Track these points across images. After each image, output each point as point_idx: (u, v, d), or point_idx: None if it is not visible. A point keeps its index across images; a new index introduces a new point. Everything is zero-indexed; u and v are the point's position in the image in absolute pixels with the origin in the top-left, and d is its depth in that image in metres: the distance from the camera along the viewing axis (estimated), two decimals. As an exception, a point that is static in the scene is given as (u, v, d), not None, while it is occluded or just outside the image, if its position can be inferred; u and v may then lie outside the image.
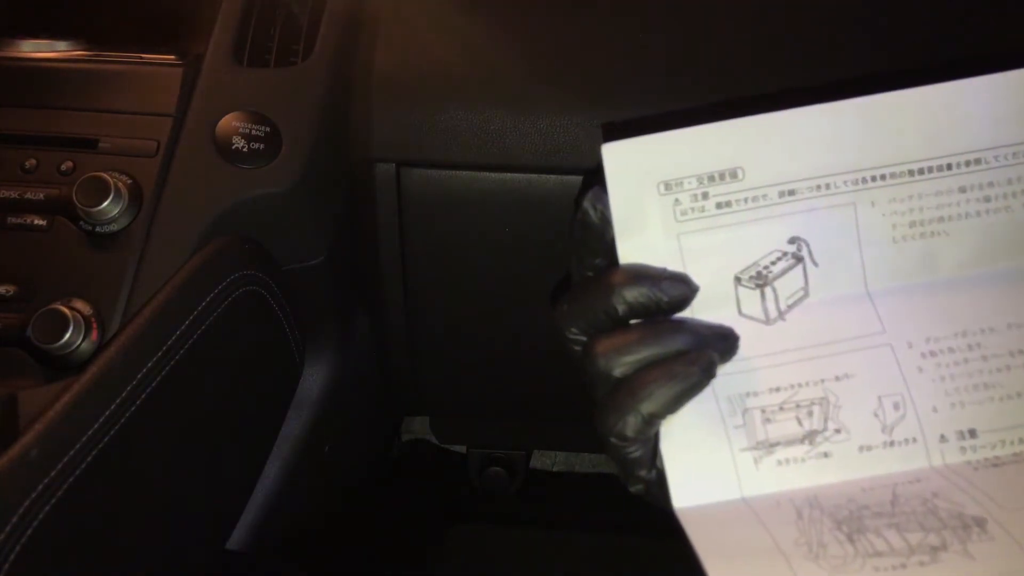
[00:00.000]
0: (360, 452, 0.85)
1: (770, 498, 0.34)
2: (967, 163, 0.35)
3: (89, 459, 0.43)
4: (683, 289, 0.35)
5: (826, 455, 0.34)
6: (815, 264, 0.36)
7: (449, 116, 0.61)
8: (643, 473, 0.35)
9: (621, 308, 0.35)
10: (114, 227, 0.53)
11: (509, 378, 0.81)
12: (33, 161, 0.55)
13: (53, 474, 0.41)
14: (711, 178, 0.35)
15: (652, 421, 0.34)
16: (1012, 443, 0.34)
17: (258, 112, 0.57)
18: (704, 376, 0.34)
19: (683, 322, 0.35)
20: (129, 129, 0.57)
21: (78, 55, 0.61)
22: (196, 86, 0.58)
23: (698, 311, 0.36)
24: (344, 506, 0.83)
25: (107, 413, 0.44)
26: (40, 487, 0.40)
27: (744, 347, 0.35)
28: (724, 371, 0.35)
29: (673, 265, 0.36)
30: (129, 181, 0.54)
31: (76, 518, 0.42)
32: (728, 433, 0.35)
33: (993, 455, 0.34)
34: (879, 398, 0.34)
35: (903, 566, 0.30)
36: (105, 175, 0.52)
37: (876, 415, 0.34)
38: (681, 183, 0.35)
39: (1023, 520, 0.31)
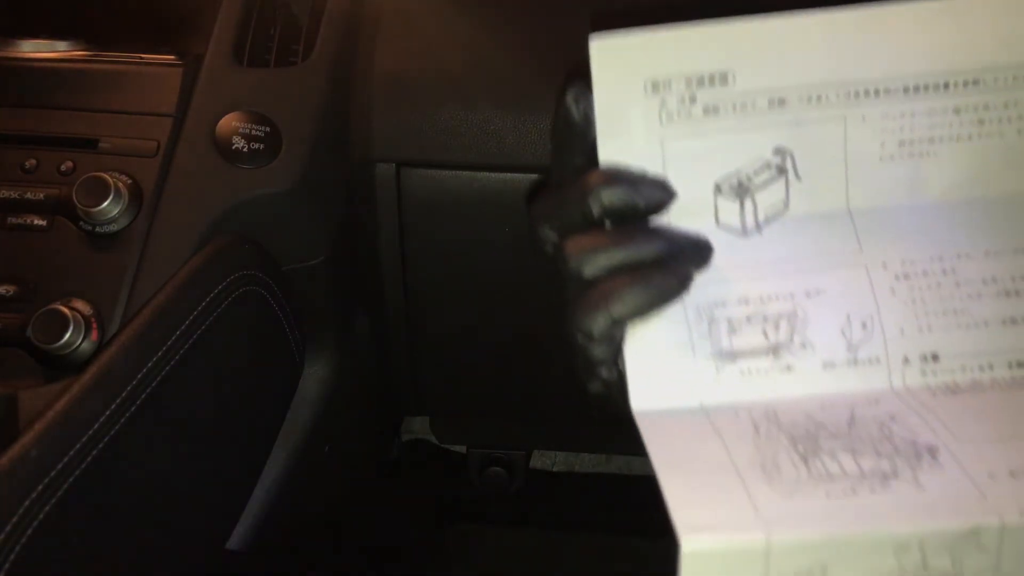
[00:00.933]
0: (360, 452, 0.85)
1: (729, 409, 0.34)
2: (964, 83, 0.34)
3: (89, 459, 0.43)
4: (661, 194, 0.35)
5: (789, 368, 0.34)
6: (798, 178, 0.35)
7: (449, 116, 0.61)
8: (604, 373, 0.36)
9: (597, 209, 0.34)
10: (114, 227, 0.53)
11: (509, 378, 0.81)
12: (33, 161, 0.55)
13: (53, 474, 0.41)
14: (700, 81, 0.34)
15: (620, 323, 0.34)
16: (972, 370, 0.34)
17: (258, 112, 0.57)
18: (679, 287, 0.34)
19: (658, 229, 0.35)
20: (129, 129, 0.57)
21: (78, 55, 0.61)
22: (196, 86, 0.58)
23: (675, 218, 0.35)
24: (344, 506, 0.83)
25: (107, 413, 0.44)
26: (40, 487, 0.40)
27: (718, 257, 0.35)
28: (695, 279, 0.35)
29: (654, 169, 0.35)
30: (129, 181, 0.54)
31: (76, 518, 0.42)
32: (692, 340, 0.34)
33: (952, 380, 0.34)
34: (848, 316, 0.34)
35: (854, 491, 0.30)
36: (105, 175, 0.52)
37: (843, 333, 0.34)
38: (669, 84, 0.34)
39: (973, 452, 0.31)
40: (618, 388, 0.36)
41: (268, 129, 0.57)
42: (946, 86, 0.34)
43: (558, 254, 0.35)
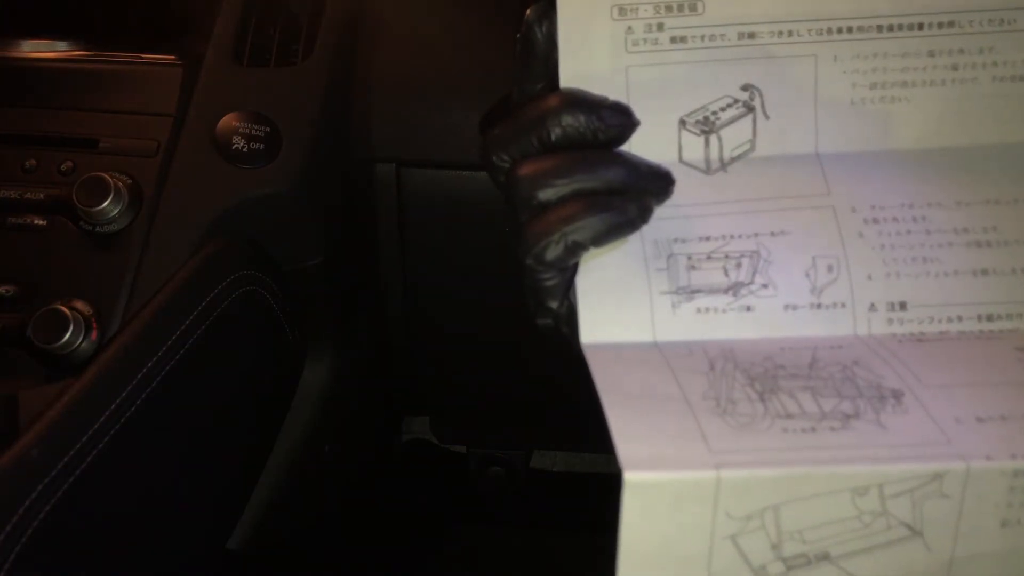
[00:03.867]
0: (360, 452, 0.85)
1: (683, 346, 0.32)
2: (940, 24, 0.33)
3: (89, 459, 0.43)
4: (622, 119, 0.33)
5: (749, 309, 0.33)
6: (766, 116, 0.34)
7: (449, 116, 0.61)
8: (554, 304, 0.34)
9: (555, 133, 0.32)
10: (114, 227, 0.53)
11: (509, 378, 0.81)
12: (33, 161, 0.55)
13: (53, 474, 0.41)
14: (669, 7, 0.33)
15: (575, 250, 0.32)
16: (940, 321, 0.33)
17: (258, 112, 0.57)
18: (639, 216, 0.32)
19: (619, 155, 0.33)
20: (129, 129, 0.57)
21: (78, 55, 0.61)
22: (196, 86, 0.58)
23: (637, 152, 0.34)
24: (344, 506, 0.83)
25: (107, 413, 0.44)
26: (40, 487, 0.40)
27: (680, 194, 0.34)
28: (655, 213, 0.33)
29: (617, 97, 0.34)
30: (129, 181, 0.54)
31: (76, 518, 0.42)
32: (649, 275, 0.33)
33: (920, 330, 0.33)
34: (813, 258, 0.33)
35: (813, 430, 0.28)
36: (105, 175, 0.52)
37: (807, 275, 0.33)
38: (636, 9, 0.33)
39: (941, 397, 0.30)
40: (567, 322, 0.34)
41: (268, 129, 0.57)
42: (920, 26, 0.33)
43: (510, 178, 0.33)
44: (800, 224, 0.33)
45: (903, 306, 0.33)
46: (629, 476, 0.27)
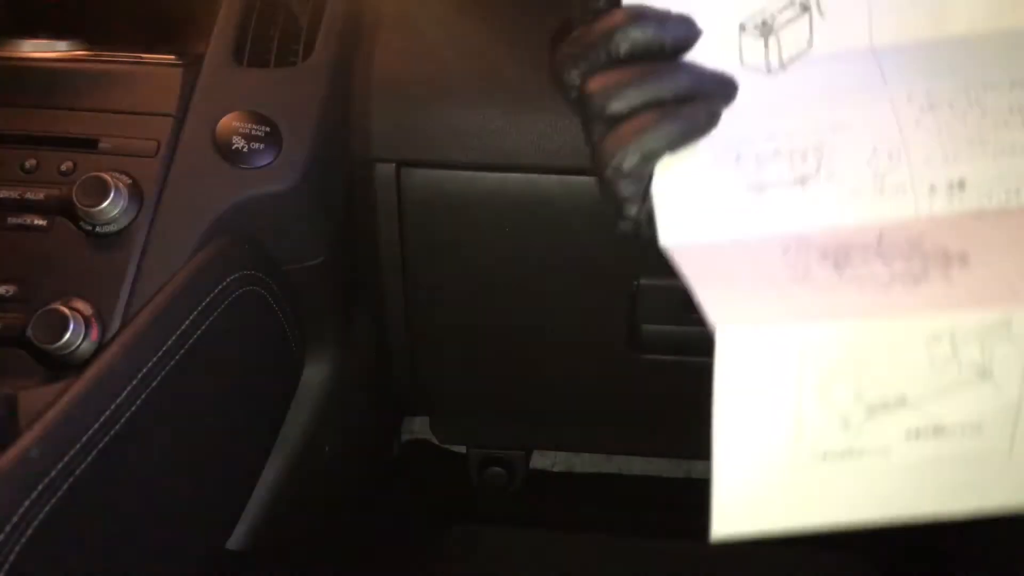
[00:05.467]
0: (360, 452, 0.85)
1: (757, 236, 0.34)
2: None
3: (89, 459, 0.43)
4: (687, 31, 0.35)
5: (816, 198, 0.34)
6: (821, 15, 0.35)
7: (449, 116, 0.61)
8: (633, 211, 0.35)
9: (624, 47, 0.34)
10: (114, 227, 0.53)
11: (509, 378, 0.81)
12: (33, 161, 0.55)
13: (53, 474, 0.41)
14: None
15: (650, 158, 0.34)
16: (999, 195, 0.34)
17: (258, 112, 0.57)
18: (708, 122, 0.34)
19: (685, 65, 0.35)
20: (129, 129, 0.57)
21: (78, 55, 0.61)
22: (196, 86, 0.58)
23: (699, 58, 0.35)
24: (344, 506, 0.83)
25: (107, 413, 0.44)
26: (40, 487, 0.40)
27: (743, 96, 0.35)
28: (721, 117, 0.35)
29: (678, 8, 0.35)
30: (129, 181, 0.54)
31: (76, 518, 0.42)
32: (721, 174, 0.35)
33: (979, 206, 0.34)
34: (874, 147, 0.35)
35: (886, 289, 0.30)
36: (105, 175, 0.52)
37: (869, 164, 0.34)
38: None
39: (1004, 258, 0.31)
40: (647, 225, 0.36)
41: (268, 129, 0.57)
42: None
43: (582, 93, 0.35)
44: (859, 116, 0.35)
45: (962, 185, 0.34)
46: (720, 331, 0.29)
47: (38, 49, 0.62)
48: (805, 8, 0.35)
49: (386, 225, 0.67)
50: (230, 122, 0.56)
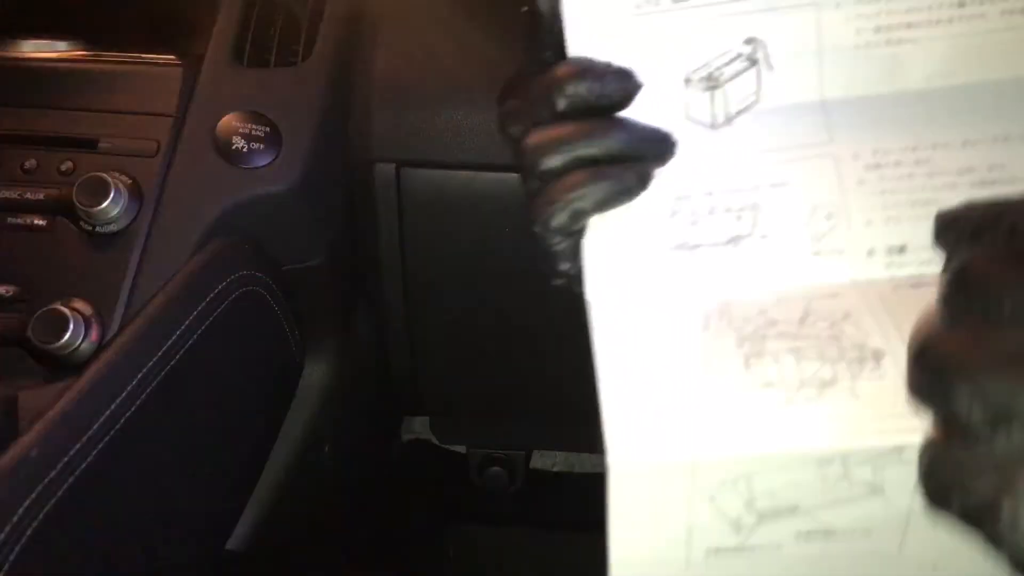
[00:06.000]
0: (360, 452, 0.85)
1: (684, 299, 0.33)
2: None
3: (89, 459, 0.43)
4: (627, 85, 0.34)
5: (749, 260, 0.33)
6: (770, 68, 0.34)
7: (450, 116, 0.61)
8: (566, 267, 0.35)
9: (562, 103, 0.33)
10: (114, 227, 0.53)
11: (509, 378, 0.81)
12: (33, 161, 0.55)
13: (53, 474, 0.41)
14: None
15: (578, 217, 0.34)
16: (938, 262, 0.32)
17: (258, 112, 0.57)
18: (638, 184, 0.34)
19: (622, 122, 0.34)
20: (129, 129, 0.57)
21: (78, 55, 0.61)
22: (196, 86, 0.58)
23: (644, 112, 0.34)
24: (344, 506, 0.83)
25: (107, 413, 0.44)
26: (40, 487, 0.40)
27: (684, 150, 0.34)
28: (660, 172, 0.34)
29: (622, 61, 0.34)
30: (129, 181, 0.54)
31: (76, 518, 0.42)
32: (652, 232, 0.34)
33: (918, 272, 0.33)
34: (813, 207, 0.33)
35: (789, 402, 0.30)
36: (105, 175, 0.52)
37: (807, 224, 0.33)
38: None
39: None
40: (578, 281, 0.35)
41: (268, 129, 0.57)
42: None
43: (520, 148, 0.34)
44: (801, 174, 0.34)
45: (902, 250, 0.33)
46: (614, 463, 0.29)
47: (38, 49, 0.62)
48: (753, 61, 0.34)
49: (386, 225, 0.67)
50: (230, 122, 0.56)
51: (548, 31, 0.35)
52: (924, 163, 0.33)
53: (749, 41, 0.34)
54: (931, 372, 0.25)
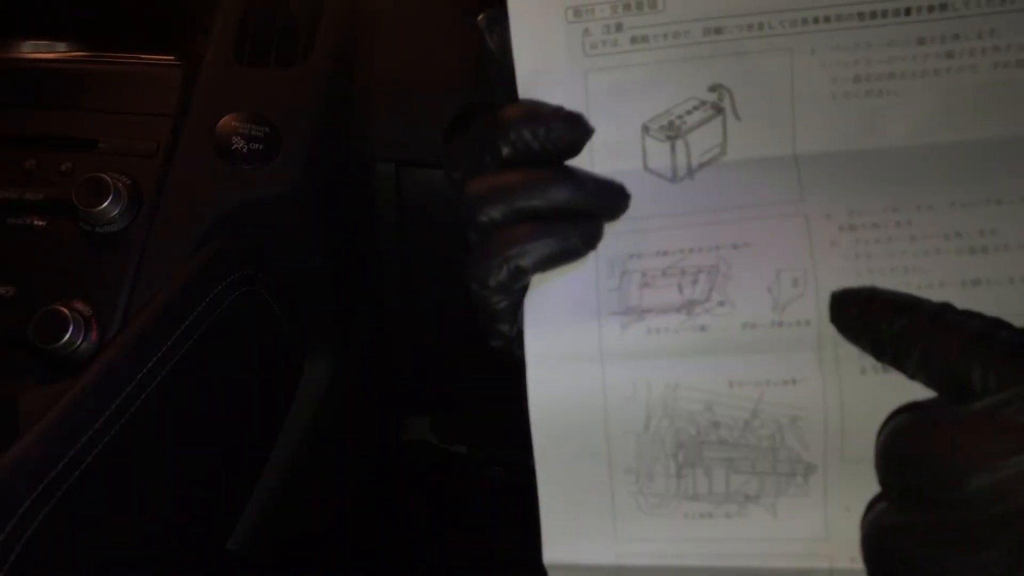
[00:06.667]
0: (360, 452, 0.85)
1: (628, 381, 0.30)
2: (930, 8, 0.29)
3: (89, 459, 0.43)
4: (576, 130, 0.31)
5: (703, 328, 0.30)
6: (737, 118, 0.31)
7: (449, 116, 0.61)
8: (504, 328, 0.32)
9: (506, 150, 0.30)
10: (114, 227, 0.53)
11: (510, 378, 0.81)
12: (33, 162, 0.55)
13: (53, 474, 0.41)
14: (627, 6, 0.31)
15: (519, 276, 0.30)
16: None
17: (258, 112, 0.57)
18: (584, 244, 0.31)
19: (570, 171, 0.31)
20: (129, 130, 0.57)
21: (78, 56, 0.61)
22: (196, 86, 0.58)
23: (599, 161, 0.32)
24: (344, 506, 0.83)
25: (107, 413, 0.44)
26: (40, 487, 0.40)
27: (641, 205, 0.31)
28: (611, 228, 0.31)
29: (575, 106, 0.31)
30: (129, 182, 0.54)
31: (76, 518, 0.42)
32: (599, 294, 0.31)
33: None
34: (778, 272, 0.30)
35: (710, 515, 0.30)
36: (105, 176, 0.52)
37: (769, 290, 0.30)
38: (592, 10, 0.31)
39: (849, 475, 0.29)
40: (518, 345, 0.32)
41: (268, 129, 0.57)
42: (908, 11, 0.30)
43: (459, 196, 0.31)
44: (766, 234, 0.30)
45: None
46: (547, 554, 0.32)
47: (37, 49, 0.62)
48: (718, 110, 0.31)
49: (386, 225, 0.67)
50: (229, 122, 0.56)
51: (497, 70, 0.32)
52: (905, 226, 0.30)
53: (714, 88, 0.31)
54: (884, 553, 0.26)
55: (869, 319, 0.28)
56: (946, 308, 0.26)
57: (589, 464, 0.31)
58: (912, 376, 0.26)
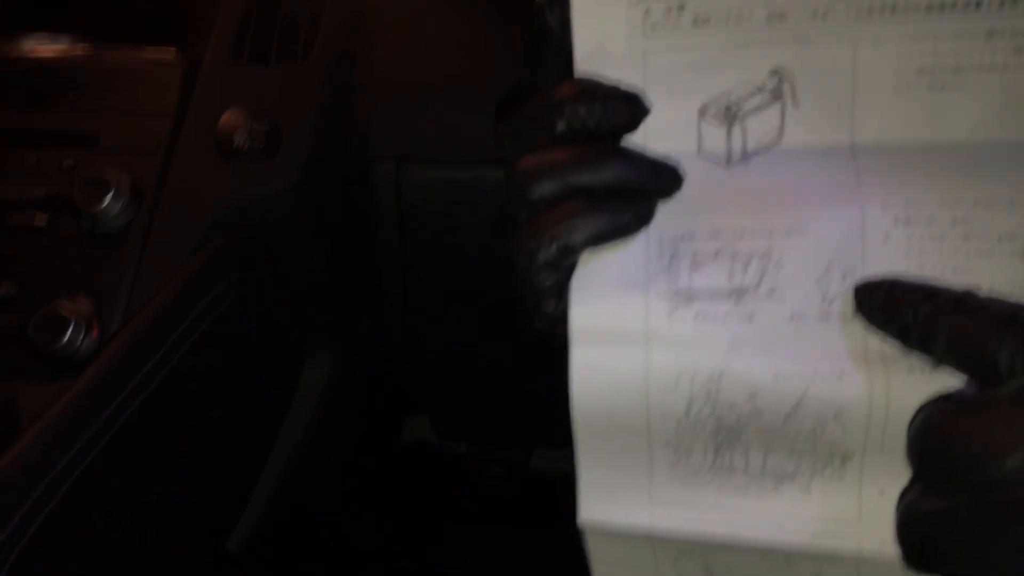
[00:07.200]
0: (360, 452, 0.85)
1: (672, 371, 0.30)
2: (1001, 2, 0.29)
3: (89, 459, 0.42)
4: (631, 109, 0.31)
5: (751, 318, 0.30)
6: (795, 105, 0.31)
7: (450, 114, 0.61)
8: (550, 307, 0.32)
9: (560, 126, 0.30)
10: (115, 225, 0.53)
11: (510, 378, 0.81)
12: (34, 159, 0.55)
13: (53, 474, 0.41)
14: None
15: (567, 253, 0.30)
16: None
17: (259, 110, 0.57)
18: (635, 221, 0.30)
19: (626, 151, 0.31)
20: (130, 127, 0.56)
21: (79, 53, 0.61)
22: (196, 84, 0.58)
23: (653, 142, 0.31)
24: (344, 506, 0.83)
25: (107, 413, 0.44)
26: (41, 487, 0.40)
27: (694, 187, 0.31)
28: (663, 208, 0.31)
29: (633, 85, 0.31)
30: (129, 179, 0.54)
31: (77, 518, 0.42)
32: (648, 275, 0.30)
33: None
34: (829, 263, 0.29)
35: (745, 489, 0.30)
36: (105, 174, 0.52)
37: (819, 283, 0.29)
38: None
39: (885, 466, 0.28)
40: (562, 325, 0.32)
41: (268, 127, 0.57)
42: (978, 5, 0.29)
43: (509, 173, 0.31)
44: (821, 221, 0.30)
45: None
46: (582, 518, 0.32)
47: (39, 46, 0.61)
48: (777, 96, 0.31)
49: (386, 223, 0.67)
50: (230, 120, 0.56)
51: (554, 48, 0.32)
52: (961, 223, 0.29)
53: (775, 73, 0.31)
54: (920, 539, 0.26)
55: (894, 307, 0.27)
56: (970, 293, 0.26)
57: (628, 438, 0.31)
58: (940, 361, 0.26)
